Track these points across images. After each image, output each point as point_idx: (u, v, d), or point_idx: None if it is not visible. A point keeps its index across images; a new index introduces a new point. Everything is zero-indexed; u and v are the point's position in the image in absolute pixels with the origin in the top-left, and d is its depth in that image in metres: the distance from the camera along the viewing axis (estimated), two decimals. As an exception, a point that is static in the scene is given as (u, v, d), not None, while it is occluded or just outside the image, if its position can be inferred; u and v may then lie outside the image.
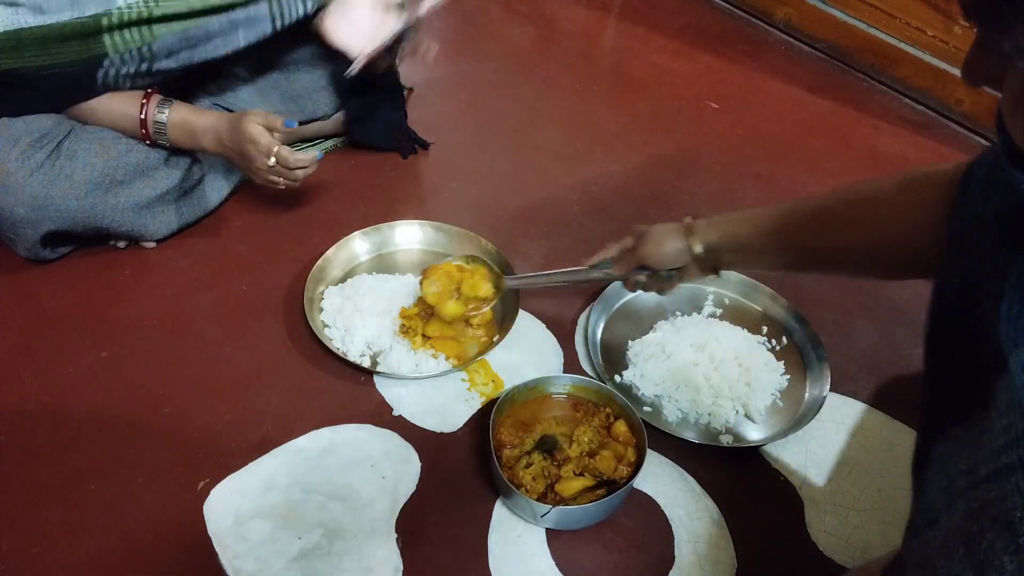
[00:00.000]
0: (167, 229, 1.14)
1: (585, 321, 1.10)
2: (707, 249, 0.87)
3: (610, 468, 0.87)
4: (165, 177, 1.10)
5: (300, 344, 1.04)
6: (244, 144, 1.06)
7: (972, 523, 0.40)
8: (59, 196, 1.01)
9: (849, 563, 0.86)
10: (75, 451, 0.89)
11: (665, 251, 0.89)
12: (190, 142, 1.09)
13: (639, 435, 0.90)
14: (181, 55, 1.05)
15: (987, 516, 0.39)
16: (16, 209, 0.99)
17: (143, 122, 1.05)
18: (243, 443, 0.91)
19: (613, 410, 0.94)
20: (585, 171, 1.40)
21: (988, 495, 0.40)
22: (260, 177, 1.10)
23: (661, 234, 0.90)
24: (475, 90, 1.55)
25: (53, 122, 1.02)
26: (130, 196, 1.07)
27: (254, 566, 0.80)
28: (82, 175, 1.02)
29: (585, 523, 0.87)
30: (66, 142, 1.02)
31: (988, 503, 0.39)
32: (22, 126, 1.00)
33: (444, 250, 1.18)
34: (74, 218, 1.03)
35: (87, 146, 1.03)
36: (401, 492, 0.89)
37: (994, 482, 0.40)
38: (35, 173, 0.99)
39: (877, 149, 1.56)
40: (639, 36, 1.84)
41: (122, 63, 1.01)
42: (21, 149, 0.99)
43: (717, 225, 0.88)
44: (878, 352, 1.12)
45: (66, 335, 1.02)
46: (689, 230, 0.88)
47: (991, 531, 0.38)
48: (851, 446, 0.99)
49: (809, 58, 1.84)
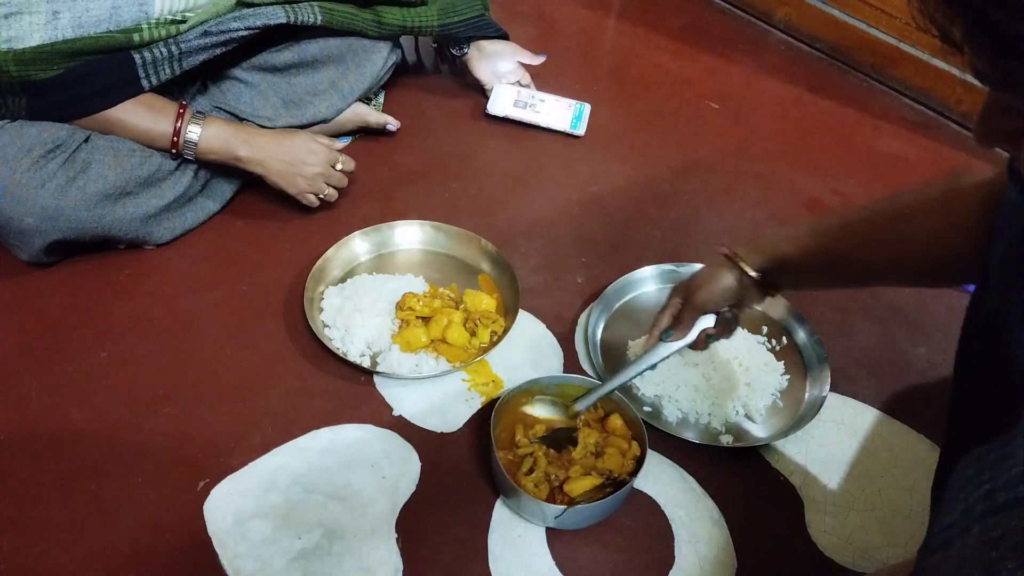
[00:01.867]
0: (170, 235, 1.14)
1: (585, 321, 1.10)
2: (760, 271, 0.84)
3: (618, 465, 0.87)
4: (172, 187, 1.10)
5: (300, 344, 1.04)
6: (302, 153, 1.13)
7: (991, 550, 0.39)
8: (70, 207, 1.00)
9: (849, 563, 0.87)
10: (75, 451, 0.89)
11: (720, 289, 0.86)
12: (223, 151, 1.10)
13: (637, 430, 0.90)
14: (206, 50, 1.08)
15: (1007, 545, 0.38)
16: (25, 219, 0.98)
17: (176, 132, 1.07)
18: (243, 443, 0.91)
19: (606, 407, 0.94)
20: (585, 171, 1.40)
21: (1009, 523, 0.39)
22: (309, 187, 1.16)
23: (706, 277, 0.87)
24: (475, 89, 1.55)
25: (67, 132, 1.01)
26: (138, 207, 1.07)
27: (254, 566, 0.80)
28: (94, 187, 1.01)
29: (590, 522, 0.87)
30: (80, 153, 1.01)
31: (1009, 532, 0.39)
32: (35, 135, 0.99)
33: (444, 250, 1.19)
34: (83, 228, 1.03)
35: (101, 157, 1.02)
36: (401, 492, 0.89)
37: (1015, 511, 0.39)
38: (46, 184, 0.98)
39: (877, 149, 1.56)
40: (639, 36, 1.84)
41: (154, 64, 1.04)
42: (33, 159, 0.97)
43: (758, 248, 0.85)
44: (878, 352, 1.12)
45: (66, 335, 1.02)
46: (732, 260, 0.85)
47: (1012, 561, 0.38)
48: (851, 446, 0.99)
49: (809, 58, 1.83)
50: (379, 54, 1.31)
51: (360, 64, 1.29)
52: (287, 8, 1.12)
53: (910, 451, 0.99)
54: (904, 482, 0.95)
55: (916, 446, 0.99)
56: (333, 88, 1.27)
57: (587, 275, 1.18)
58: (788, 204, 1.38)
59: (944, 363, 1.11)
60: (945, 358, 1.12)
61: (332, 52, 1.24)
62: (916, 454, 0.98)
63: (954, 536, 0.43)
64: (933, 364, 1.11)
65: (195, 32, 1.05)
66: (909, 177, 1.50)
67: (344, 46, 1.25)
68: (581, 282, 1.17)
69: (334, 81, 1.27)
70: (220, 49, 1.09)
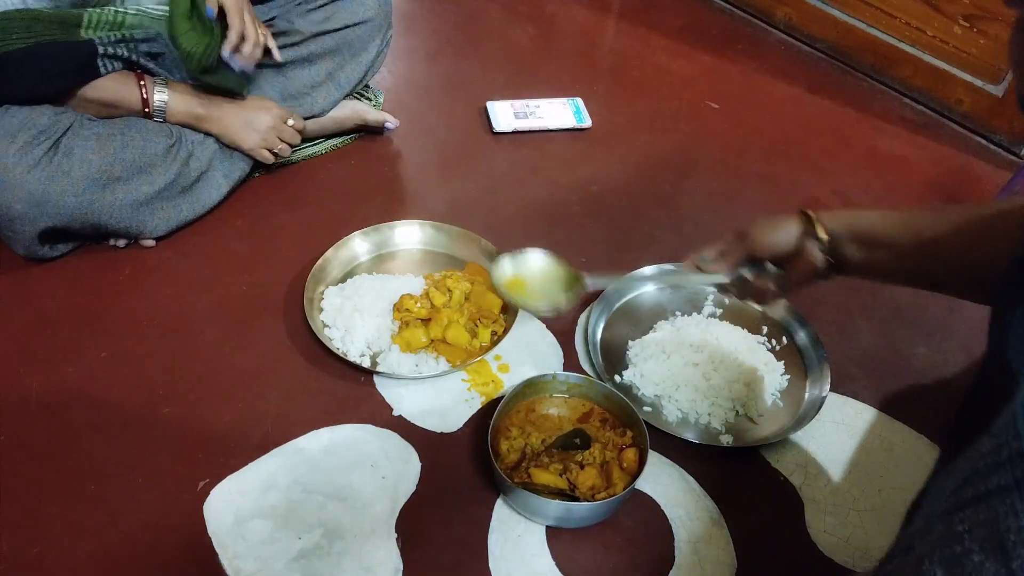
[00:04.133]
0: (166, 226, 1.14)
1: (585, 321, 1.10)
2: (830, 234, 0.77)
3: (585, 486, 0.85)
4: (163, 173, 1.11)
5: (300, 344, 1.04)
6: (253, 109, 1.19)
7: (955, 545, 0.39)
8: (56, 193, 1.01)
9: (849, 563, 0.86)
10: (75, 451, 0.89)
11: (779, 234, 0.79)
12: (186, 112, 1.14)
13: (638, 431, 0.90)
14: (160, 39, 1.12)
15: (974, 538, 0.38)
16: (13, 205, 0.99)
17: (144, 100, 1.10)
18: (243, 443, 0.91)
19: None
20: (585, 171, 1.40)
21: (977, 517, 0.38)
22: (263, 142, 1.20)
23: (770, 220, 0.81)
24: (475, 90, 1.55)
25: (51, 118, 1.02)
26: (128, 193, 1.07)
27: (254, 566, 0.80)
28: (79, 171, 1.02)
29: (590, 522, 0.87)
30: (64, 138, 1.02)
31: (977, 524, 0.38)
32: (19, 121, 1.00)
33: (444, 250, 1.19)
34: (72, 215, 1.03)
35: (84, 143, 1.04)
36: (401, 492, 0.89)
37: (983, 503, 0.38)
38: (33, 170, 0.99)
39: (877, 149, 1.56)
40: (639, 36, 1.84)
41: (110, 45, 1.06)
42: (19, 145, 0.99)
43: (839, 216, 0.79)
44: (878, 352, 1.12)
45: (66, 335, 1.02)
46: (809, 217, 0.79)
47: (978, 553, 0.37)
48: (851, 446, 0.99)
49: (809, 58, 1.83)
50: (373, 43, 1.33)
51: (356, 55, 1.31)
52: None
53: (910, 451, 0.99)
54: (904, 482, 0.95)
55: (916, 446, 0.99)
56: (330, 79, 1.29)
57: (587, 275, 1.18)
58: (788, 204, 1.38)
59: (944, 363, 1.11)
60: (945, 358, 1.12)
61: (328, 45, 1.27)
62: (916, 454, 0.98)
63: (914, 540, 0.42)
64: (933, 364, 1.11)
65: (141, 32, 1.09)
66: (909, 177, 1.50)
67: (339, 38, 1.28)
68: (581, 282, 1.17)
69: (331, 72, 1.29)
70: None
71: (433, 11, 1.85)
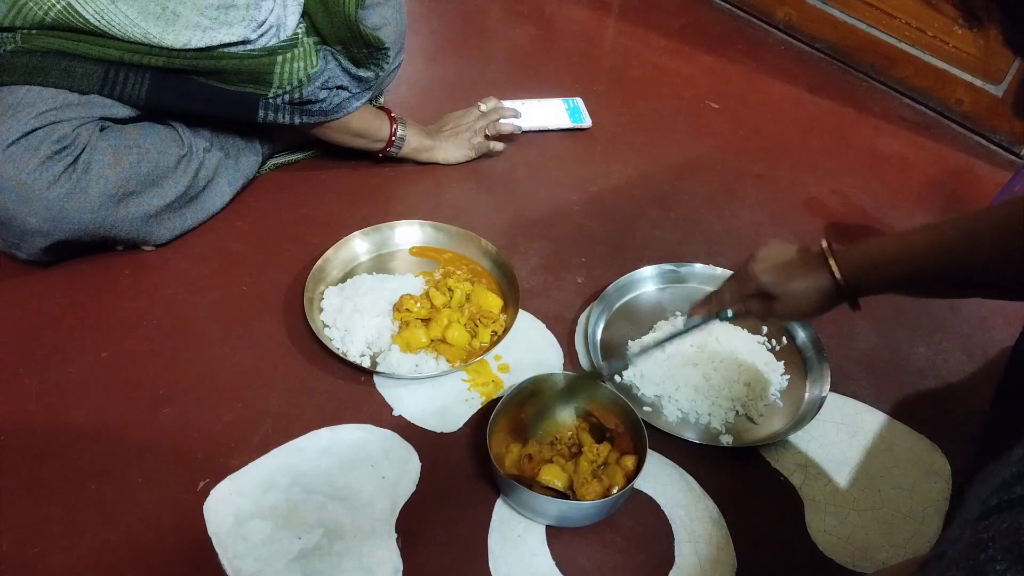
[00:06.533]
0: (170, 235, 1.14)
1: (585, 321, 1.10)
2: (850, 275, 0.76)
3: (585, 486, 0.85)
4: (173, 185, 1.10)
5: (300, 344, 1.04)
6: (453, 117, 1.37)
7: (980, 552, 0.39)
8: (74, 210, 1.00)
9: (849, 563, 0.86)
10: (75, 451, 0.89)
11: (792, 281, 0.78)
12: (418, 143, 1.32)
13: (637, 431, 0.90)
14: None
15: (998, 547, 0.38)
16: (29, 219, 0.98)
17: (392, 132, 1.28)
18: (243, 443, 0.91)
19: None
20: (585, 171, 1.40)
21: (1000, 525, 0.38)
22: (472, 146, 1.36)
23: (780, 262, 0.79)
24: (475, 90, 1.55)
25: (72, 132, 1.00)
26: (140, 206, 1.07)
27: (254, 566, 0.80)
28: (96, 188, 1.01)
29: (590, 522, 0.87)
30: (83, 155, 1.01)
31: (1000, 533, 0.38)
32: (43, 134, 0.98)
33: (444, 250, 1.19)
34: (85, 230, 1.03)
35: (101, 156, 1.02)
36: (401, 492, 0.89)
37: (1007, 512, 0.39)
38: (52, 186, 0.98)
39: (877, 149, 1.56)
40: (639, 36, 1.84)
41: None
42: (40, 159, 0.97)
43: (853, 248, 0.76)
44: (878, 352, 1.12)
45: (66, 335, 1.02)
46: (822, 257, 0.76)
47: (1001, 562, 0.37)
48: (851, 446, 0.99)
49: (809, 58, 1.84)
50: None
51: None
52: None
53: (910, 451, 0.99)
54: (904, 482, 0.95)
55: (916, 446, 0.99)
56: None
57: (587, 275, 1.18)
58: (788, 204, 1.38)
59: (944, 363, 1.11)
60: (945, 358, 1.12)
61: None
62: (916, 454, 0.98)
63: (948, 546, 0.42)
64: (933, 364, 1.11)
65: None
66: (909, 177, 1.50)
67: None
68: (581, 282, 1.17)
69: None
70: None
71: (433, 11, 1.85)
